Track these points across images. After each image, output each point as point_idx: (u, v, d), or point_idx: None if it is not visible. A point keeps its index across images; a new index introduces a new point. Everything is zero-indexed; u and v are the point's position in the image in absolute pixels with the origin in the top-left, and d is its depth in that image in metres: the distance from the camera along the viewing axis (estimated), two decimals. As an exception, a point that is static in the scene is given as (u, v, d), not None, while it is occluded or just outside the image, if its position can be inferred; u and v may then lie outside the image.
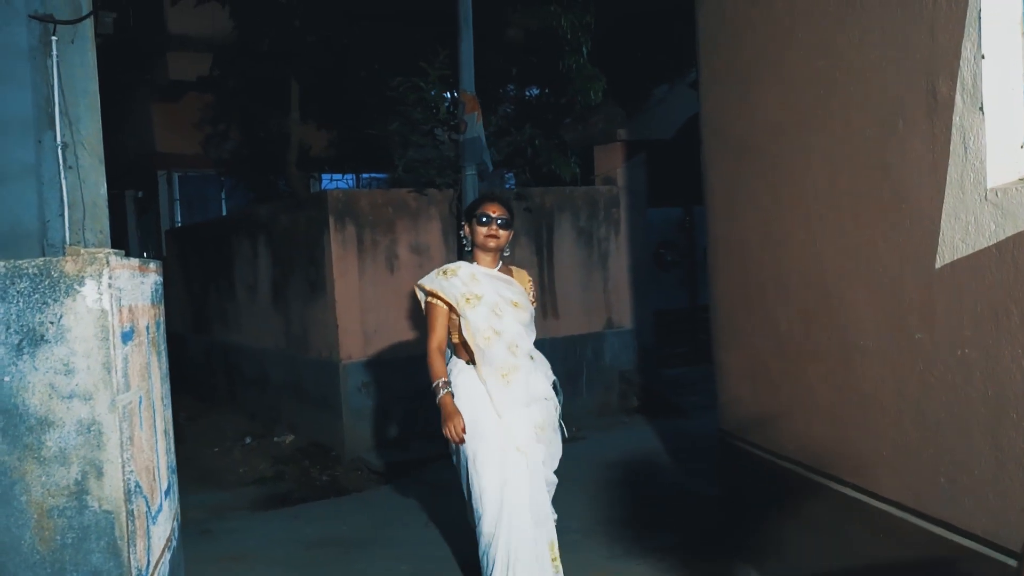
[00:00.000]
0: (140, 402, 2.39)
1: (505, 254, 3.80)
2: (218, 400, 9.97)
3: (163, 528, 2.64)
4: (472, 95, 7.15)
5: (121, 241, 12.74)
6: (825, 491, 3.30)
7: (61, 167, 5.32)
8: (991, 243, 2.27)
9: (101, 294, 2.10)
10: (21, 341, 2.08)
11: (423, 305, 3.71)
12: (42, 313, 2.08)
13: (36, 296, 2.08)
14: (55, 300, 2.08)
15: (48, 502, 2.10)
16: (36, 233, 5.23)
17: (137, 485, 2.29)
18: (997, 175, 2.28)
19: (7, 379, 2.09)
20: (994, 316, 2.31)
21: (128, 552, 2.13)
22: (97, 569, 2.11)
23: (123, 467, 2.13)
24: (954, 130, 2.40)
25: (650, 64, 8.18)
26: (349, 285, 7.09)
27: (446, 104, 7.94)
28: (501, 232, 3.65)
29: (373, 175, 12.55)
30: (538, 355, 3.72)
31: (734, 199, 3.96)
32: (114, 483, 2.12)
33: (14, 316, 2.07)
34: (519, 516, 3.48)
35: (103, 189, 5.47)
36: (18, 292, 2.08)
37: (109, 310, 2.11)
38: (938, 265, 2.50)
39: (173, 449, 3.12)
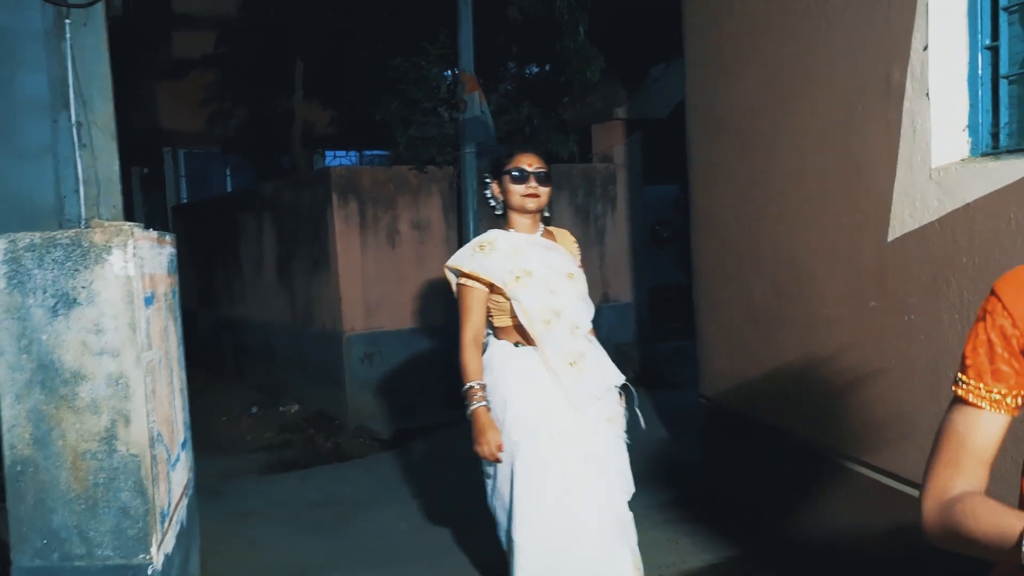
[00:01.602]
0: (160, 360, 2.63)
1: (546, 214, 3.14)
2: (225, 373, 10.23)
3: (181, 476, 2.90)
4: (472, 75, 7.33)
5: (128, 217, 12.88)
6: (795, 449, 3.55)
7: (76, 145, 5.55)
8: (934, 218, 2.50)
9: (127, 262, 2.33)
10: (56, 304, 2.32)
11: (454, 288, 3.10)
12: (74, 279, 2.31)
13: (69, 264, 2.32)
14: (86, 267, 2.32)
15: (81, 446, 2.35)
16: (53, 208, 5.47)
17: (159, 434, 2.53)
18: (940, 156, 2.50)
19: (44, 337, 2.33)
20: (935, 285, 2.54)
21: (152, 492, 2.38)
22: (125, 506, 2.36)
23: (147, 416, 2.38)
24: (904, 114, 2.63)
25: (647, 44, 8.34)
26: (352, 260, 7.31)
27: (446, 83, 8.13)
28: (541, 189, 3.00)
29: (375, 152, 12.72)
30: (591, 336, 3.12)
31: (714, 177, 4.18)
32: (140, 430, 2.36)
33: (49, 281, 2.31)
34: (589, 542, 2.88)
35: (116, 166, 5.70)
36: (53, 260, 2.31)
37: (134, 276, 2.35)
38: (890, 239, 2.74)
39: (188, 407, 3.37)
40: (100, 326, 2.32)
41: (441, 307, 7.62)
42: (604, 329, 8.60)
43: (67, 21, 5.38)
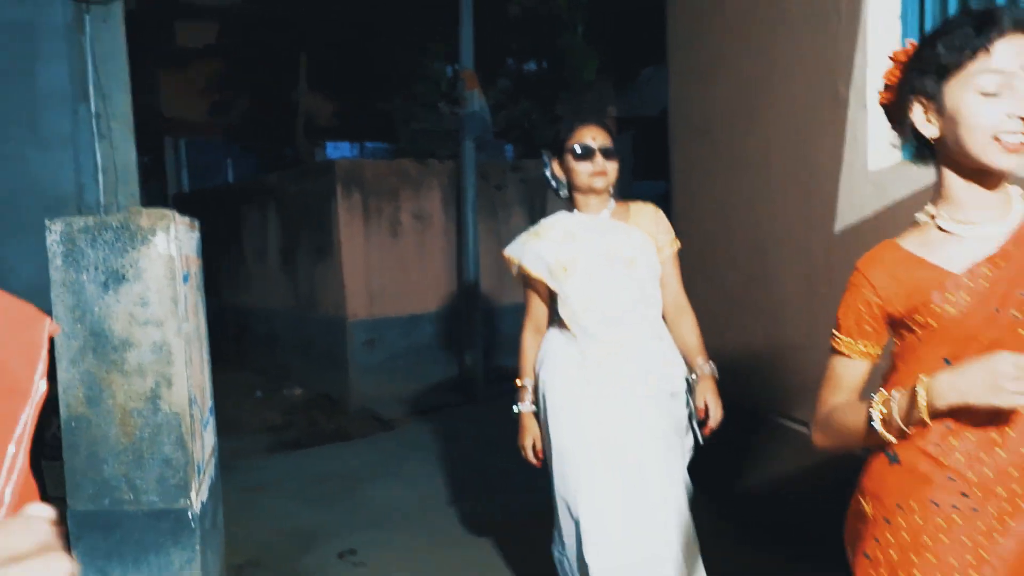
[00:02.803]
0: (194, 331, 2.99)
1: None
2: (229, 359, 10.52)
3: (209, 437, 3.26)
4: (472, 72, 7.67)
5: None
6: (762, 422, 3.91)
7: (95, 136, 5.89)
8: (870, 214, 2.87)
9: (169, 243, 2.69)
10: (107, 280, 2.67)
11: (514, 272, 2.93)
12: (123, 258, 2.67)
13: (118, 244, 2.67)
14: (133, 248, 2.67)
15: (129, 404, 2.71)
16: (73, 195, 5.81)
17: (194, 396, 2.89)
18: (876, 160, 2.87)
19: (96, 309, 2.68)
20: (873, 273, 2.92)
21: (191, 446, 2.74)
22: (168, 457, 2.72)
23: (187, 380, 2.74)
24: (848, 123, 3.00)
25: (639, 46, 8.68)
26: (355, 248, 7.62)
27: (447, 79, 8.47)
28: (609, 165, 2.68)
29: (376, 144, 13.01)
30: (663, 329, 2.79)
31: (693, 176, 4.54)
32: (180, 391, 2.72)
33: (101, 260, 2.67)
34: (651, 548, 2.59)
35: (133, 155, 6.03)
36: (104, 241, 2.67)
37: (175, 256, 2.70)
38: (836, 231, 3.10)
39: (211, 376, 3.73)
40: (145, 299, 2.67)
41: (441, 294, 7.98)
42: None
43: (87, 16, 5.72)
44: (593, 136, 2.68)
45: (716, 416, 2.72)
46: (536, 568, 3.92)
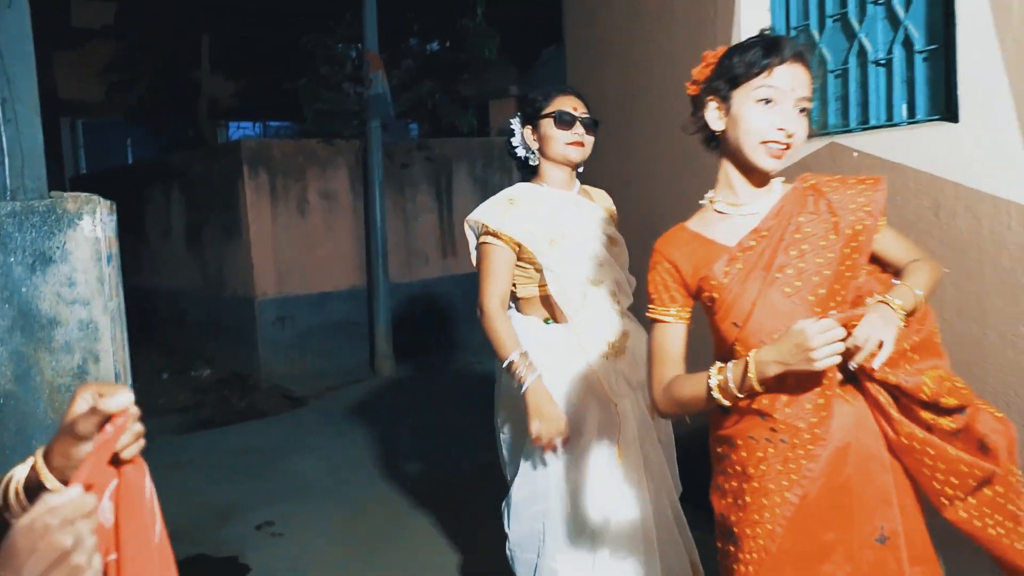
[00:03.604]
0: (117, 310, 3.12)
1: (579, 171, 2.74)
2: (135, 341, 10.42)
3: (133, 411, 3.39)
4: (376, 55, 7.80)
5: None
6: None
7: (1, 120, 5.82)
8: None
9: (95, 226, 2.81)
10: (34, 262, 2.78)
11: (472, 247, 2.71)
12: (50, 240, 2.79)
13: (45, 228, 2.78)
14: (60, 231, 2.79)
15: (57, 381, 2.83)
16: (-24, 179, 5.74)
17: (119, 372, 3.03)
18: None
19: (24, 289, 2.79)
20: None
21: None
22: (97, 428, 2.86)
23: (113, 355, 2.87)
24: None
25: (539, 28, 8.93)
26: (263, 228, 7.71)
27: (352, 60, 8.57)
28: (587, 137, 2.64)
29: (280, 123, 12.98)
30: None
31: (593, 155, 4.81)
32: (107, 367, 2.86)
33: (28, 242, 2.78)
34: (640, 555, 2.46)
35: (40, 140, 5.91)
36: (31, 224, 2.78)
37: (101, 238, 2.83)
38: (716, 206, 3.43)
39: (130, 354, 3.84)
40: (72, 280, 2.80)
41: (350, 272, 8.13)
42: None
43: (-13, 0, 5.65)
44: (574, 106, 2.61)
45: None
46: (442, 529, 4.20)
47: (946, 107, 2.84)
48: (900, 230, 2.78)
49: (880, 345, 1.54)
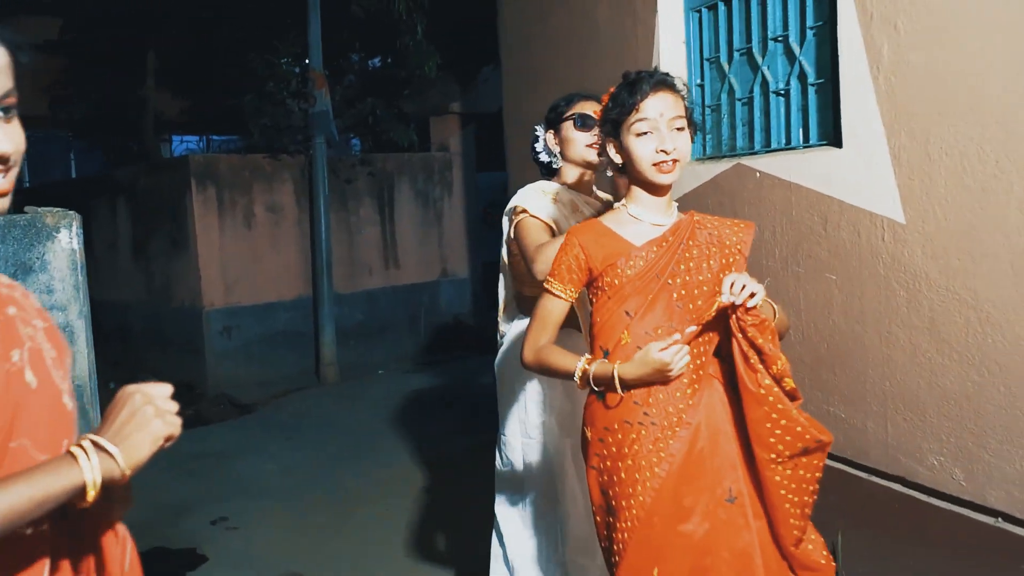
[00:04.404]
0: (87, 316, 3.37)
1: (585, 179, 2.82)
2: (79, 352, 10.49)
3: (97, 415, 3.64)
4: (320, 73, 8.06)
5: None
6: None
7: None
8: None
9: (72, 238, 3.07)
10: (16, 271, 3.03)
11: (508, 232, 2.73)
12: (30, 251, 3.04)
13: (26, 240, 3.03)
14: (39, 242, 3.04)
15: (36, 380, 3.08)
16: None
17: (92, 372, 3.28)
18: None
19: (4, 297, 3.04)
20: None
21: (92, 414, 3.14)
22: (73, 423, 3.11)
23: (87, 355, 3.13)
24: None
25: (478, 47, 9.24)
26: (211, 240, 7.88)
27: (296, 77, 8.80)
28: None
29: (224, 138, 13.08)
30: None
31: (526, 170, 5.15)
32: (83, 365, 3.11)
33: (11, 253, 3.02)
34: None
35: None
36: (13, 237, 3.02)
37: (76, 249, 3.10)
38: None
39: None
40: (51, 287, 3.05)
41: (296, 283, 8.36)
42: (443, 301, 9.56)
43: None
44: (594, 110, 2.41)
45: None
46: (386, 522, 4.50)
47: (833, 133, 3.24)
48: (795, 241, 3.20)
49: (752, 295, 1.89)
